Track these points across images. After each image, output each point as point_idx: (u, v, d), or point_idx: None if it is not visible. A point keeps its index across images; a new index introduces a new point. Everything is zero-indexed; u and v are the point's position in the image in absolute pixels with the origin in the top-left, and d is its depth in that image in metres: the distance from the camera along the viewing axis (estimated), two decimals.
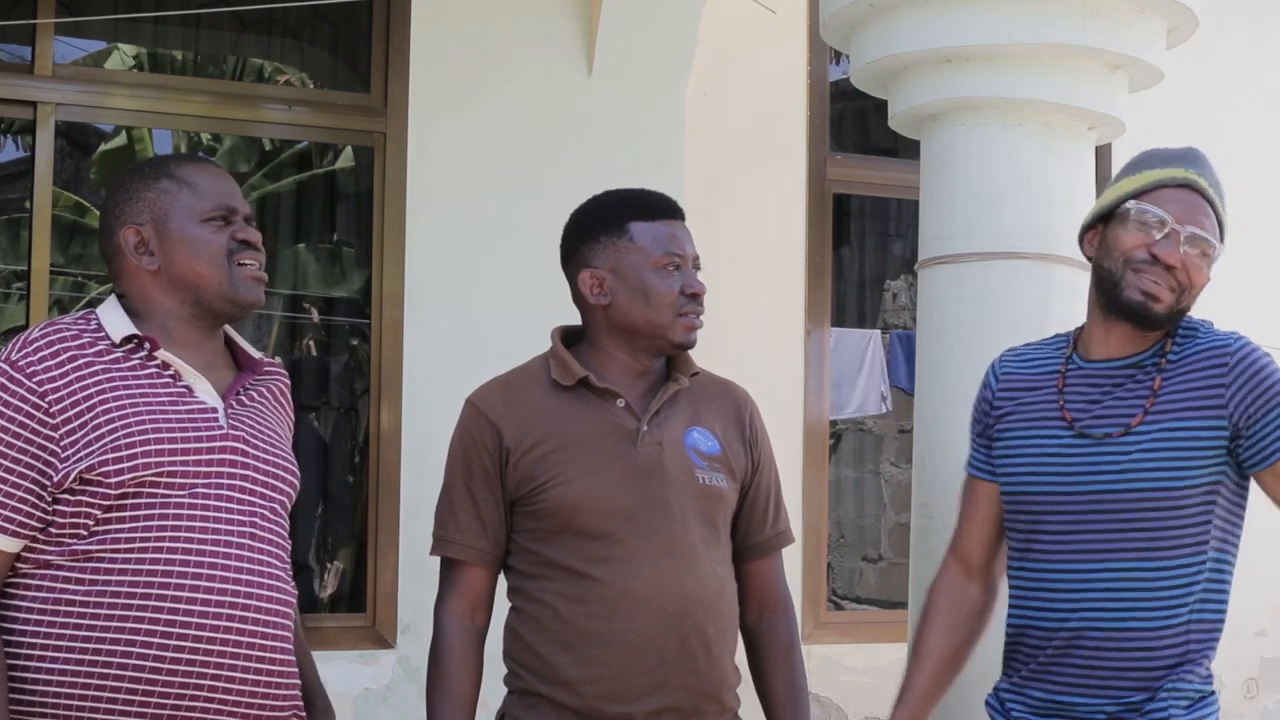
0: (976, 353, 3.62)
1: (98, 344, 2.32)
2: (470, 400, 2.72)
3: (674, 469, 2.62)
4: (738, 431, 2.76)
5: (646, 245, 2.65)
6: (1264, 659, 6.31)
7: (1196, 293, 2.56)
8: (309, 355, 7.43)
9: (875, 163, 6.67)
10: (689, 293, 2.65)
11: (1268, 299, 6.56)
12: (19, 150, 8.33)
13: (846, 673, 6.07)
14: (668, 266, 2.65)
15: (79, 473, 2.22)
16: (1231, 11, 6.28)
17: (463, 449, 2.67)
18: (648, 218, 2.68)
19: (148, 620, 2.21)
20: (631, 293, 2.65)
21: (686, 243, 2.69)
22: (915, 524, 3.78)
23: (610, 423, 2.63)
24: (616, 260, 2.67)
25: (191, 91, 5.55)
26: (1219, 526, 2.50)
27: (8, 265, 8.20)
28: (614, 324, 2.68)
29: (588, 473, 2.58)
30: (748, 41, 6.05)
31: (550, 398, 2.64)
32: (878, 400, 6.90)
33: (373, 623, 5.31)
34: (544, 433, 2.61)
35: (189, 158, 2.48)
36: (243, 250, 2.40)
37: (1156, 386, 2.52)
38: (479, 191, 5.38)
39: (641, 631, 2.55)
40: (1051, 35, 3.54)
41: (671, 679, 2.57)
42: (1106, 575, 2.50)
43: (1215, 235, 2.55)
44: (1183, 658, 2.48)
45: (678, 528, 2.60)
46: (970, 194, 3.65)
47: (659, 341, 2.66)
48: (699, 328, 2.68)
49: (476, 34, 5.44)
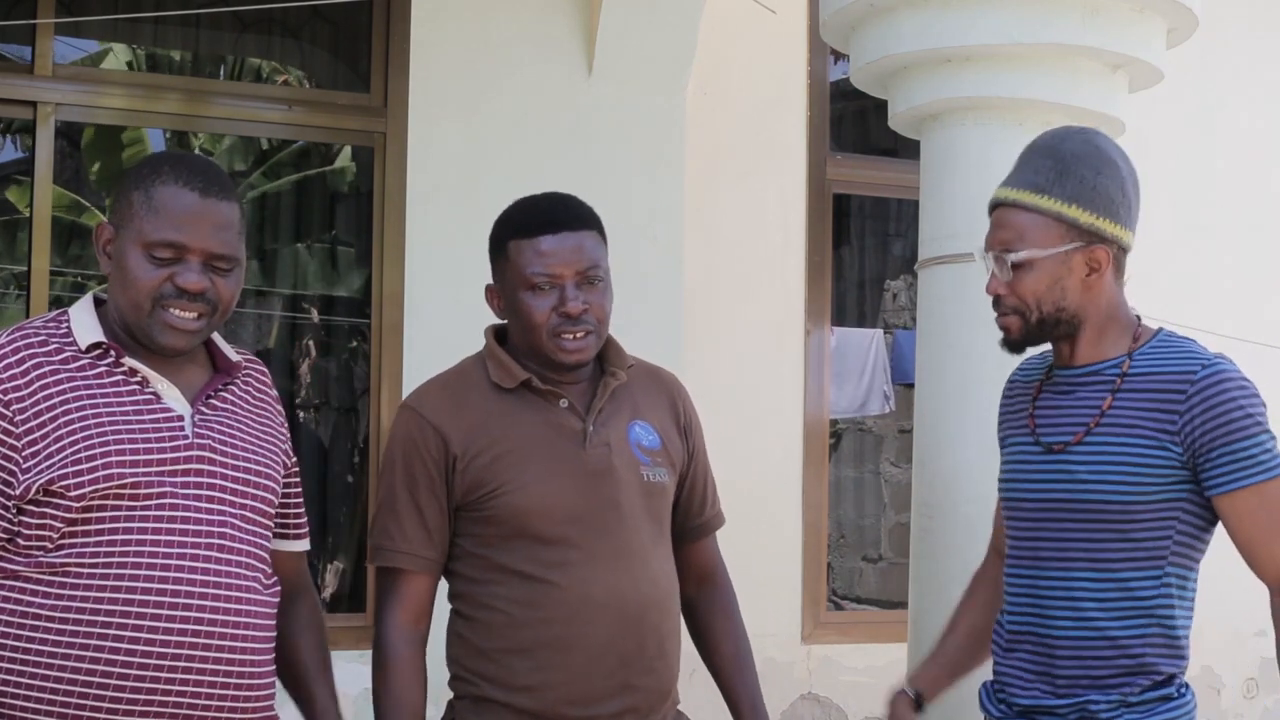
0: (976, 353, 3.62)
1: (64, 350, 2.26)
2: (409, 405, 2.62)
3: (622, 469, 2.59)
4: (673, 420, 2.72)
5: (520, 265, 2.55)
6: (1264, 659, 6.30)
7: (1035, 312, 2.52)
8: (309, 355, 7.43)
9: (875, 163, 6.67)
10: (563, 312, 2.52)
11: (1267, 298, 6.55)
12: (19, 150, 8.33)
13: (846, 673, 6.08)
14: (538, 287, 2.53)
15: (41, 485, 2.17)
16: (1232, 11, 6.29)
17: (404, 456, 2.57)
18: (524, 235, 2.56)
19: (112, 634, 2.17)
20: (512, 312, 2.60)
21: (566, 254, 2.53)
22: (915, 524, 3.78)
23: (556, 424, 2.58)
24: (501, 278, 2.61)
25: (191, 91, 5.55)
26: (1179, 543, 2.47)
27: (6, 266, 8.19)
28: (515, 340, 2.63)
29: (539, 478, 2.53)
30: (748, 41, 6.05)
31: (492, 401, 2.58)
32: (881, 399, 6.91)
33: (373, 622, 5.30)
34: (491, 438, 2.55)
35: (181, 173, 2.28)
36: (175, 297, 2.25)
37: (1106, 406, 2.49)
38: (479, 191, 5.37)
39: (601, 635, 2.53)
40: (1051, 35, 3.54)
41: (632, 680, 2.55)
42: (1059, 582, 2.50)
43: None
44: (1138, 668, 2.46)
45: (629, 528, 2.58)
46: (970, 194, 3.65)
47: (544, 360, 2.58)
48: (585, 347, 2.55)
49: (476, 34, 5.44)
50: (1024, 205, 2.52)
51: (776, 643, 5.98)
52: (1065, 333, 2.54)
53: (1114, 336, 2.55)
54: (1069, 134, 2.59)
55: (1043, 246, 2.50)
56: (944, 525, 3.63)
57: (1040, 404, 2.60)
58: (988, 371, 3.61)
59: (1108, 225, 2.50)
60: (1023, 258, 2.50)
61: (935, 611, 3.66)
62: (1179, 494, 2.45)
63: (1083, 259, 2.50)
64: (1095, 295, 2.52)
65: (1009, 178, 2.58)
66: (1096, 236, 2.50)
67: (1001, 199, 2.56)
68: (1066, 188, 2.50)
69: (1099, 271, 2.51)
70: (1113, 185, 2.52)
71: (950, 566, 3.61)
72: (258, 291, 7.18)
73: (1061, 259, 2.50)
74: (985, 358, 3.62)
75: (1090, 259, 2.50)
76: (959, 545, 3.59)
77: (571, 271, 2.54)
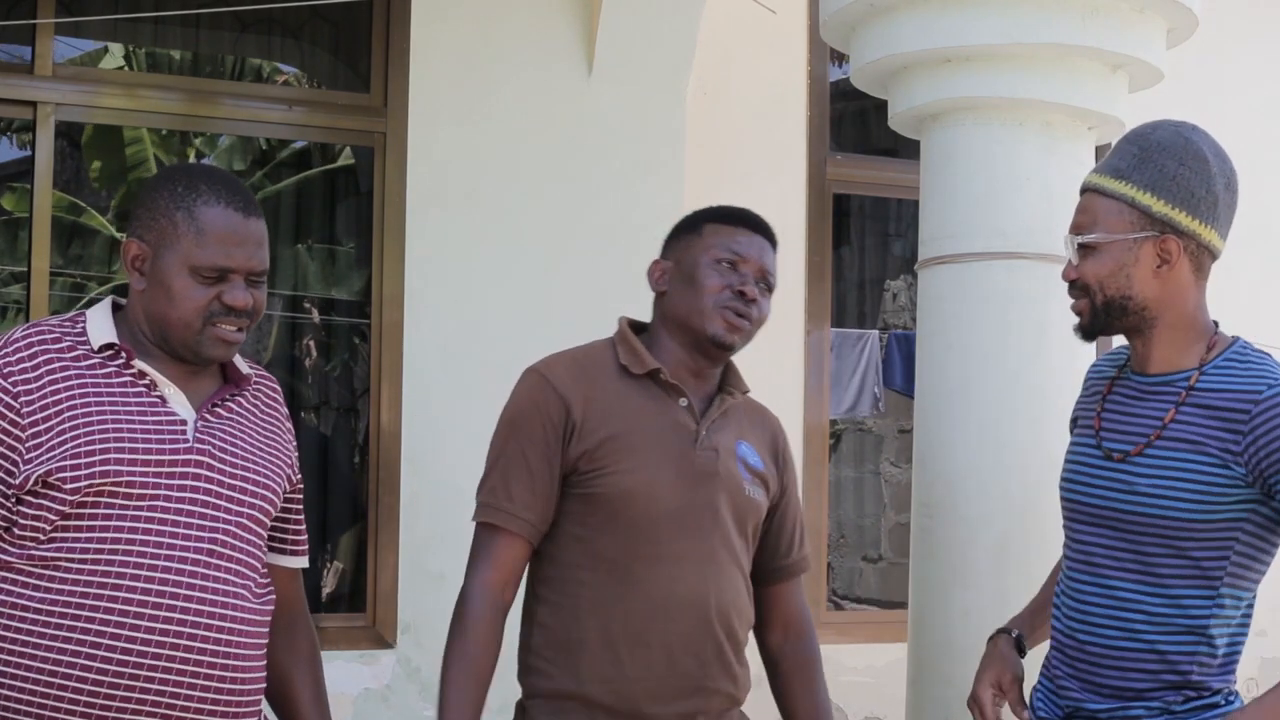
0: (976, 353, 3.63)
1: (77, 349, 2.30)
2: (536, 370, 2.65)
3: (725, 476, 2.63)
4: (771, 454, 2.77)
5: (713, 242, 2.67)
6: (1264, 659, 6.30)
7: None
8: (309, 355, 7.43)
9: (875, 163, 6.67)
10: (737, 289, 2.63)
11: (1269, 300, 6.55)
12: (19, 150, 8.34)
13: (846, 673, 6.07)
14: (722, 262, 2.65)
15: (39, 476, 2.20)
16: (1232, 11, 6.28)
17: (524, 417, 2.59)
18: (726, 222, 2.71)
19: (95, 630, 2.19)
20: (684, 281, 2.67)
21: (754, 251, 2.68)
22: (915, 524, 3.78)
23: (673, 419, 2.62)
24: (681, 252, 2.70)
25: (191, 91, 5.55)
26: (1237, 563, 2.43)
27: (6, 266, 8.20)
28: (666, 314, 2.69)
29: (649, 465, 2.57)
30: (748, 41, 6.05)
31: (618, 383, 2.63)
32: (871, 401, 6.91)
33: (373, 622, 5.31)
34: (610, 415, 2.59)
35: (220, 193, 2.33)
36: (224, 315, 2.31)
37: (1168, 419, 2.44)
38: (479, 191, 5.38)
39: (682, 634, 2.55)
40: (1051, 35, 3.54)
41: (707, 683, 2.58)
42: (1110, 592, 2.47)
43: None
44: (1182, 683, 2.44)
45: (721, 534, 2.61)
46: (970, 194, 3.65)
47: (699, 335, 2.64)
48: (742, 330, 2.64)
49: (476, 34, 5.44)
50: (1102, 190, 2.49)
51: None
52: (1135, 325, 2.49)
53: (1189, 344, 2.49)
54: (1163, 125, 2.54)
55: (1111, 231, 2.46)
56: (944, 525, 3.63)
57: (1109, 404, 2.56)
58: (988, 371, 3.61)
59: (1183, 217, 2.45)
60: (1090, 239, 2.47)
61: (935, 611, 3.66)
62: (1240, 514, 2.40)
63: (1153, 249, 2.45)
64: (1169, 291, 2.47)
65: (1098, 164, 2.56)
66: (1170, 227, 2.45)
67: (1085, 184, 2.54)
68: (1145, 174, 2.46)
69: (1170, 264, 2.46)
70: (1196, 179, 2.46)
71: (950, 566, 3.61)
72: None
73: (1129, 246, 2.46)
74: (985, 358, 3.63)
75: (1162, 250, 2.45)
76: (959, 545, 3.59)
77: (755, 266, 2.68)
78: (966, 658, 3.53)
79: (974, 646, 3.50)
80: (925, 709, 3.68)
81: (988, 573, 3.52)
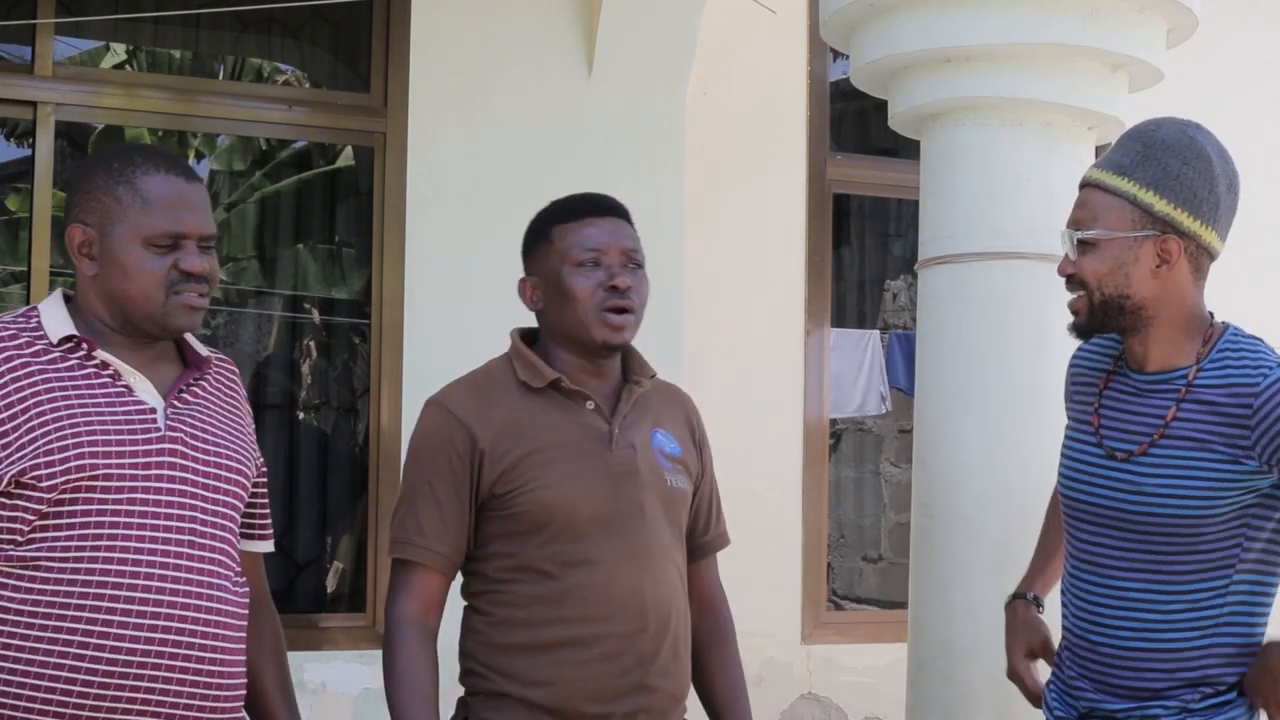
0: (976, 353, 3.63)
1: (35, 344, 2.26)
2: (436, 401, 2.63)
3: (646, 472, 2.61)
4: (688, 434, 2.76)
5: (566, 246, 2.62)
6: None
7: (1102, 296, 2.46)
8: (309, 356, 7.42)
9: (875, 163, 6.67)
10: (610, 286, 2.58)
11: (1270, 298, 6.55)
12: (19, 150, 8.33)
13: (846, 673, 6.07)
14: (584, 264, 2.60)
15: (12, 476, 2.17)
16: (1231, 11, 6.28)
17: (429, 450, 2.59)
18: (569, 219, 2.65)
19: (81, 629, 2.17)
20: (555, 295, 2.63)
21: (609, 237, 2.62)
22: (915, 524, 3.78)
23: (583, 425, 2.60)
24: (541, 265, 2.67)
25: (191, 91, 5.55)
26: (1253, 550, 2.41)
27: (6, 266, 8.19)
28: (551, 329, 2.66)
29: (568, 476, 2.55)
30: (748, 41, 6.05)
31: (520, 400, 2.60)
32: (877, 400, 6.90)
33: (373, 623, 5.30)
34: (519, 435, 2.57)
35: (158, 162, 2.31)
36: (184, 281, 2.28)
37: (1170, 417, 2.43)
38: (479, 191, 5.38)
39: (620, 635, 2.54)
40: (1051, 35, 3.54)
41: (648, 681, 2.57)
42: (1119, 592, 2.46)
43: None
44: (1200, 680, 2.43)
45: (650, 531, 2.59)
46: (970, 194, 3.65)
47: (588, 344, 2.61)
48: (628, 325, 2.60)
49: (476, 34, 5.44)
50: (1103, 186, 2.47)
51: (776, 643, 5.98)
52: (1131, 324, 2.48)
53: (1186, 341, 2.48)
54: (1167, 122, 2.52)
55: (1111, 228, 2.44)
56: (944, 525, 3.63)
57: (1106, 400, 2.54)
58: (987, 371, 3.62)
59: (1184, 217, 2.44)
60: (1090, 236, 2.45)
61: (935, 611, 3.66)
62: (1251, 502, 2.39)
63: (1153, 248, 2.44)
64: (1167, 291, 2.46)
65: (1099, 159, 2.54)
66: (1171, 227, 2.44)
67: (1085, 178, 2.52)
68: (1148, 172, 2.44)
69: (1169, 264, 2.44)
70: (1199, 179, 2.45)
71: (950, 566, 3.61)
72: (258, 292, 7.18)
73: (1129, 244, 2.44)
74: (985, 358, 3.63)
75: (1162, 249, 2.44)
76: (959, 545, 3.60)
77: (617, 251, 2.62)
78: (966, 658, 3.53)
79: (974, 646, 3.51)
80: (925, 709, 3.68)
81: (988, 573, 3.52)
